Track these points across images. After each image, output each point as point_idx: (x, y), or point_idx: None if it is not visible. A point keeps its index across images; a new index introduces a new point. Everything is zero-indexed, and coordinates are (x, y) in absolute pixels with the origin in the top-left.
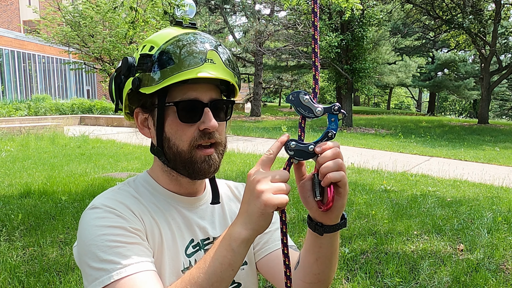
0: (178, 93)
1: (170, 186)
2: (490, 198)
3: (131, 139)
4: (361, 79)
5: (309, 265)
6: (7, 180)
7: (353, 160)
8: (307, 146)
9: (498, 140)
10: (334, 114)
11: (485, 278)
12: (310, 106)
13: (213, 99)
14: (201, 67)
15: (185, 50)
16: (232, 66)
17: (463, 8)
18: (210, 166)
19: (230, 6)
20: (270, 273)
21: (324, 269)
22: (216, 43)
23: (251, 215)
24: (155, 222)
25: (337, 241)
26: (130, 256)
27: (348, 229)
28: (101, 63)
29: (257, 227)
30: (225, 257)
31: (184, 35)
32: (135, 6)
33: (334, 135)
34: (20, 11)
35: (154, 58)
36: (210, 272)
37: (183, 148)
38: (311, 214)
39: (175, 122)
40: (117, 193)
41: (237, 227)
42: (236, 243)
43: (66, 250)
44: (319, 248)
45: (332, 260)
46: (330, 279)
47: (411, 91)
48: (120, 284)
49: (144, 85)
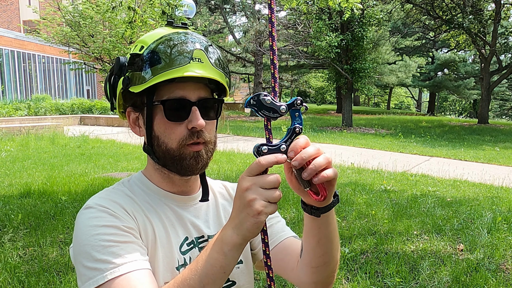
0: (166, 92)
1: (163, 184)
2: (490, 198)
3: (131, 139)
4: (361, 79)
5: (312, 249)
6: (7, 180)
7: (353, 160)
8: (279, 147)
9: (498, 140)
10: (297, 108)
11: (485, 278)
12: (273, 106)
13: (201, 98)
14: (187, 66)
15: (172, 49)
16: (222, 66)
17: (463, 8)
18: (197, 162)
19: (230, 6)
20: (278, 265)
21: (327, 250)
22: (207, 43)
23: (242, 223)
24: (148, 220)
25: (333, 219)
26: (124, 255)
27: (348, 229)
28: (101, 63)
29: (248, 233)
30: (217, 260)
31: (174, 34)
32: (133, 6)
33: (301, 130)
34: (20, 11)
35: (143, 57)
36: (201, 274)
37: (172, 146)
38: (304, 200)
39: (163, 121)
40: (112, 192)
41: (229, 231)
42: (228, 247)
43: (66, 250)
44: (318, 229)
45: (334, 239)
46: (336, 259)
47: (411, 91)
48: (114, 283)
49: (133, 84)
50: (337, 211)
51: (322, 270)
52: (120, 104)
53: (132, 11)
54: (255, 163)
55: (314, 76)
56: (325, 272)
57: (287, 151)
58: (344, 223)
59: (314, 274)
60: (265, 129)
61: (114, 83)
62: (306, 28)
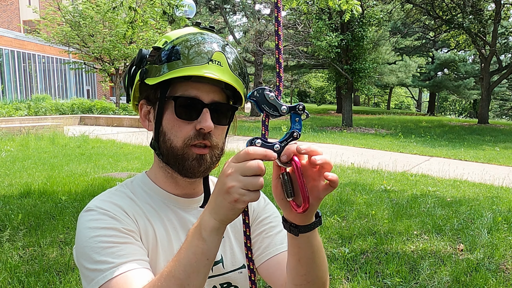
0: (180, 89)
1: (167, 185)
2: (490, 198)
3: (131, 139)
4: (361, 79)
5: (294, 267)
6: (7, 180)
7: (353, 160)
8: (273, 145)
9: (498, 140)
10: (299, 114)
11: (485, 278)
12: (275, 104)
13: (214, 101)
14: (205, 66)
15: (194, 47)
16: (242, 74)
17: (463, 8)
18: (200, 165)
19: (230, 6)
20: (270, 277)
21: (309, 270)
22: (232, 49)
23: (219, 207)
24: (149, 223)
25: (316, 240)
26: (123, 255)
27: (348, 229)
28: (101, 63)
29: (225, 219)
30: (197, 247)
31: (199, 34)
32: (134, 6)
33: (299, 135)
34: (20, 11)
35: (164, 51)
36: (185, 264)
37: (177, 145)
38: (285, 214)
39: (172, 117)
40: (113, 194)
41: (206, 215)
42: (206, 232)
43: (66, 250)
44: (298, 249)
45: (316, 260)
46: (322, 280)
47: (411, 91)
48: (113, 282)
49: (149, 76)
50: (337, 211)
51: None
52: (135, 97)
53: (133, 11)
54: (243, 151)
55: (314, 76)
56: None
57: (280, 152)
58: (344, 223)
59: None
60: (262, 125)
61: (133, 74)
62: (306, 28)
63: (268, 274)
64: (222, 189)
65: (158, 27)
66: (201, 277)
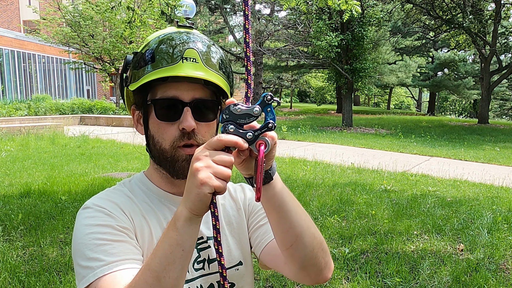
0: (159, 91)
1: (163, 185)
2: (490, 198)
3: (131, 139)
4: (361, 79)
5: (277, 226)
6: (7, 180)
7: (353, 160)
8: (246, 133)
9: (498, 140)
10: (268, 104)
11: (485, 278)
12: (247, 112)
13: (195, 98)
14: (179, 65)
15: (167, 48)
16: (222, 67)
17: (463, 8)
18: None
19: (230, 6)
20: (274, 261)
21: (292, 221)
22: (209, 43)
23: (189, 194)
24: (145, 221)
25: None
26: (115, 254)
27: (348, 229)
28: (101, 63)
29: (194, 207)
30: (172, 238)
31: (176, 34)
32: (132, 6)
33: (274, 126)
34: (20, 11)
35: (141, 55)
36: (161, 256)
37: (165, 147)
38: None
39: (156, 120)
40: (111, 192)
41: (180, 206)
42: (180, 222)
43: (66, 250)
44: (268, 201)
45: (292, 209)
46: (309, 232)
47: (411, 91)
48: (102, 281)
49: (131, 82)
50: (337, 211)
51: (299, 248)
52: (129, 102)
53: (131, 11)
54: (216, 138)
55: (314, 76)
56: (303, 250)
57: (252, 141)
58: (344, 223)
59: (293, 257)
60: (246, 84)
61: (122, 81)
62: (306, 28)
63: (270, 258)
64: (191, 172)
65: (157, 26)
66: (177, 269)
